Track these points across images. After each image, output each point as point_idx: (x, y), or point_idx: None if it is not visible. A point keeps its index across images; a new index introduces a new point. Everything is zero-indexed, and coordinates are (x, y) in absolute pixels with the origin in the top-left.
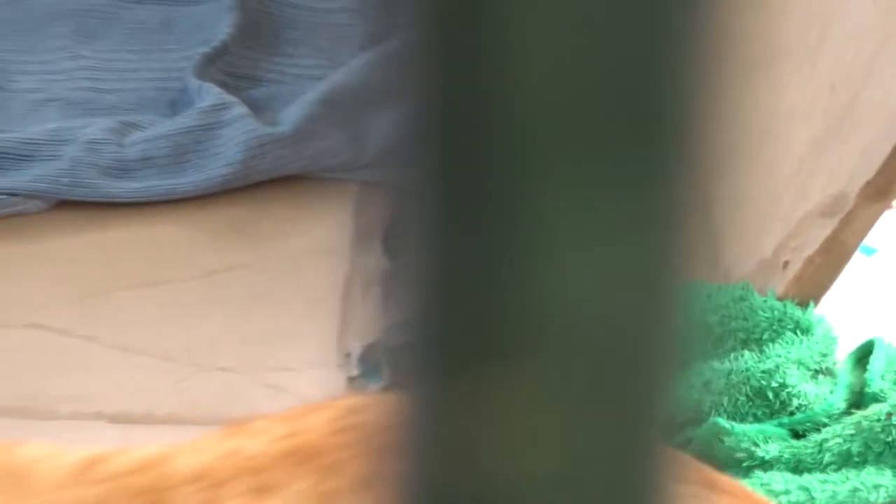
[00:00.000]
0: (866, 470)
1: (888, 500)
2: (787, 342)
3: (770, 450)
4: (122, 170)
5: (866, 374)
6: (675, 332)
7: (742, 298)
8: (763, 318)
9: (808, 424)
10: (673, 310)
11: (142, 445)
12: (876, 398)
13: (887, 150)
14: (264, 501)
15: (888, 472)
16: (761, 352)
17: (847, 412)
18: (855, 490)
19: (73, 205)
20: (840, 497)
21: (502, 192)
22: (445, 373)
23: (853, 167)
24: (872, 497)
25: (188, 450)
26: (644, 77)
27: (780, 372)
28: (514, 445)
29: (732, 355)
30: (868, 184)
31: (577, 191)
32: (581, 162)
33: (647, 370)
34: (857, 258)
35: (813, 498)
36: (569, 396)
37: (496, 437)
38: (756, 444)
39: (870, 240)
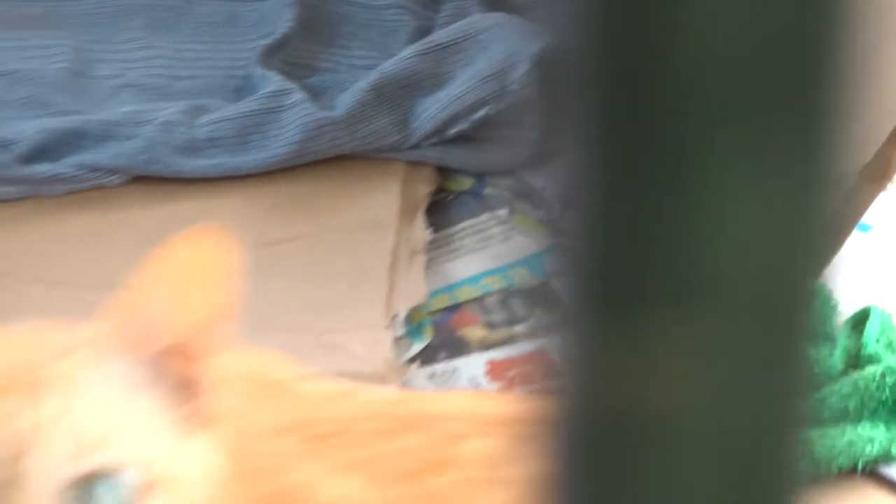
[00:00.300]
0: (861, 425)
1: (881, 451)
2: None
3: None
4: (192, 149)
5: (862, 339)
6: (821, 284)
7: None
8: None
9: None
10: (823, 264)
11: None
12: (871, 360)
13: (882, 137)
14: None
15: (881, 427)
16: None
17: (844, 373)
18: (851, 443)
19: (147, 179)
20: (837, 449)
21: (674, 144)
22: (615, 318)
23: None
24: (867, 449)
25: (430, 396)
26: (806, 41)
27: None
28: (672, 384)
29: None
30: (866, 167)
31: (744, 147)
32: (749, 120)
33: (799, 321)
34: (854, 234)
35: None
36: (729, 341)
37: (656, 375)
38: None
39: (866, 218)
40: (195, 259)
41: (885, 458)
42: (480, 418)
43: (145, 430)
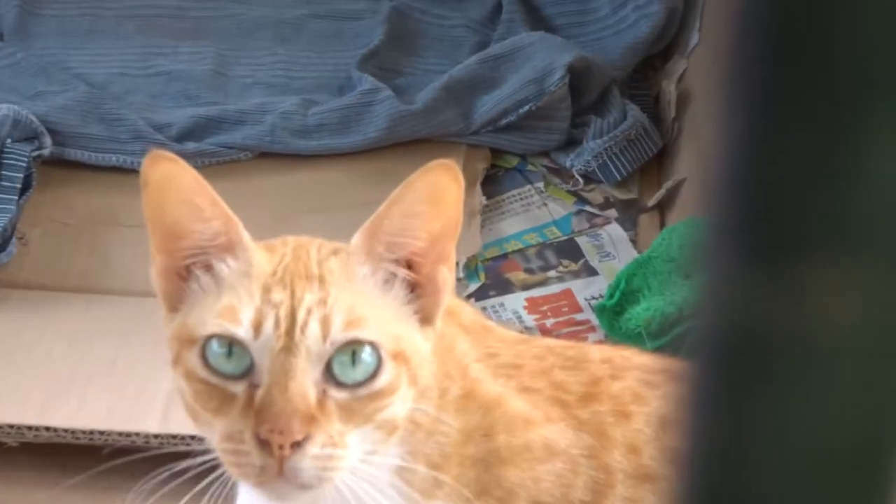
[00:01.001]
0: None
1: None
2: None
3: None
4: (305, 132)
5: None
6: None
7: None
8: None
9: None
10: None
11: None
12: None
13: None
14: (652, 390)
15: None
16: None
17: None
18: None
19: (271, 156)
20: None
21: (845, 104)
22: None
23: None
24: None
25: (579, 345)
26: None
27: None
28: (825, 311)
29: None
30: None
31: None
32: None
33: None
34: None
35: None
36: (877, 276)
37: (811, 302)
38: None
39: None
40: (429, 187)
41: None
42: (624, 362)
43: (386, 317)
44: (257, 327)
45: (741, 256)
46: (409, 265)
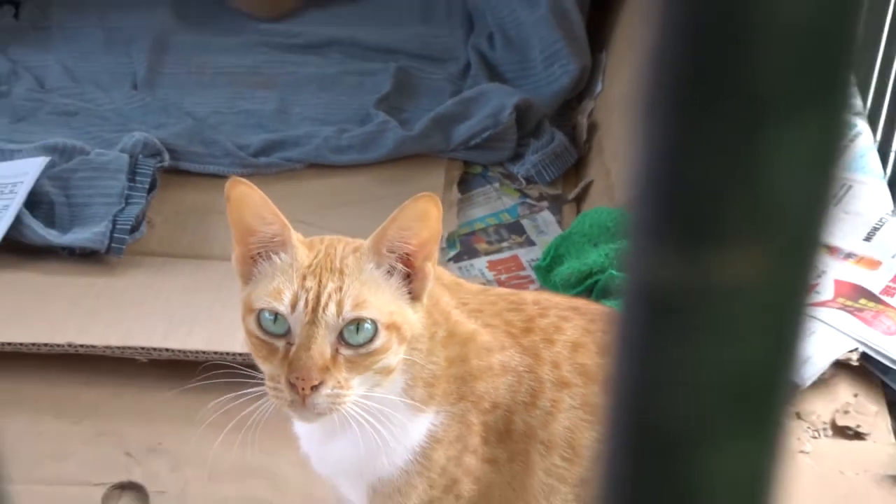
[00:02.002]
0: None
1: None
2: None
3: None
4: (339, 150)
5: None
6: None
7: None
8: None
9: None
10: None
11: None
12: None
13: None
14: (567, 323)
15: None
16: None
17: None
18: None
19: (317, 166)
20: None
21: (743, 123)
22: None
23: None
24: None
25: (523, 292)
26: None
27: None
28: (734, 272)
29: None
30: None
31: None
32: (799, 93)
33: (820, 239)
34: None
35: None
36: (773, 247)
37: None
38: None
39: None
40: (418, 210)
41: None
42: (547, 303)
43: (386, 299)
44: (293, 305)
45: (659, 238)
46: (405, 261)
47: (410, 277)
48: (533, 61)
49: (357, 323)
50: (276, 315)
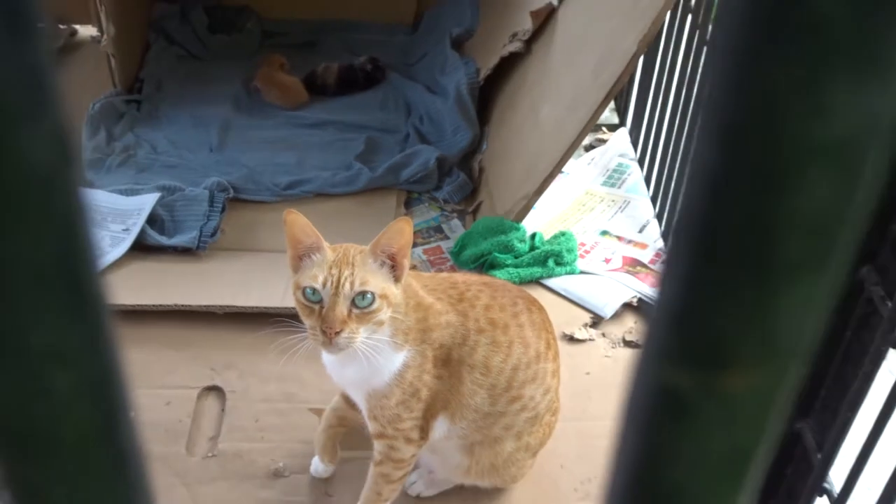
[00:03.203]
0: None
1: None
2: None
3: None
4: (334, 185)
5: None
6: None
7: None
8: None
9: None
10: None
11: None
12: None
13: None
14: (480, 292)
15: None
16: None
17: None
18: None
19: (321, 195)
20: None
21: (754, 275)
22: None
23: None
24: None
25: (468, 275)
26: None
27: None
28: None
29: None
30: None
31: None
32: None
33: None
34: None
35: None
36: None
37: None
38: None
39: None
40: (399, 229)
41: None
42: (467, 279)
43: (380, 280)
44: (324, 284)
45: (676, 359)
46: (391, 258)
47: (394, 268)
48: (445, 132)
49: (362, 294)
50: (314, 290)
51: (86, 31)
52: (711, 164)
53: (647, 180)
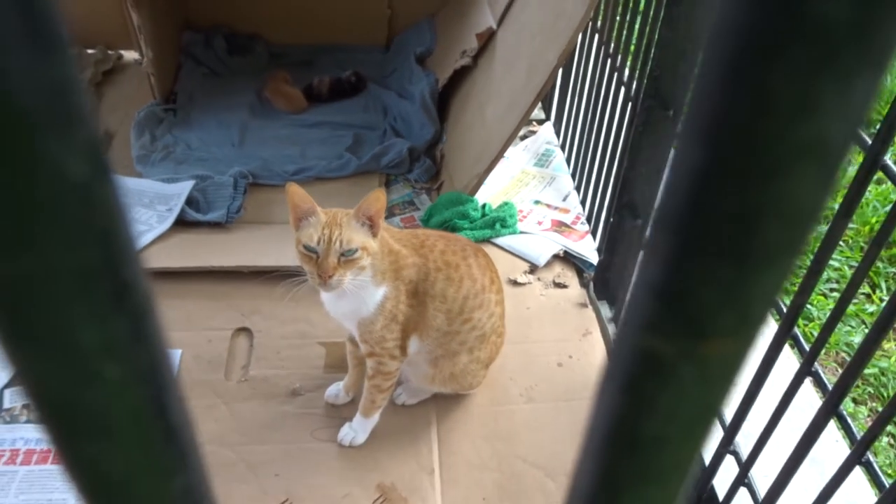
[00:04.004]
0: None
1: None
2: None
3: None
4: (330, 170)
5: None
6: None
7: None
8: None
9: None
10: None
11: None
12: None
13: None
14: (436, 244)
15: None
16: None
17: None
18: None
19: (321, 179)
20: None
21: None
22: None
23: None
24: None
25: (429, 230)
26: None
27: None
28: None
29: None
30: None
31: None
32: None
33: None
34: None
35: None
36: None
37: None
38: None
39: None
40: (375, 199)
41: None
42: (428, 234)
43: (361, 236)
44: (318, 241)
45: (660, 330)
46: (369, 218)
47: (372, 227)
48: (414, 128)
49: (349, 248)
50: (311, 246)
51: (129, 55)
52: (697, 158)
53: (568, 161)
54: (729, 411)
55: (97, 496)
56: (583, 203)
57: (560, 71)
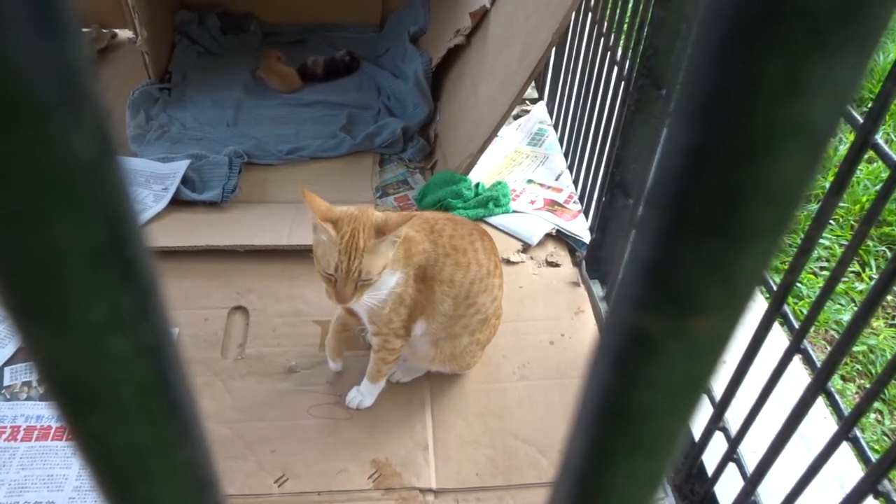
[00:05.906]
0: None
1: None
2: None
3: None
4: (325, 150)
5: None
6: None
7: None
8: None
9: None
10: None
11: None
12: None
13: None
14: (443, 226)
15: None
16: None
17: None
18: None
19: (315, 158)
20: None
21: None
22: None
23: None
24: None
25: (438, 213)
26: None
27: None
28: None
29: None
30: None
31: None
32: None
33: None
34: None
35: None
36: None
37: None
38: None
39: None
40: (401, 224)
41: None
42: (435, 216)
43: (384, 259)
44: (336, 269)
45: (650, 306)
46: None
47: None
48: (408, 107)
49: (368, 278)
50: (329, 271)
51: (124, 34)
52: (688, 137)
53: (560, 140)
54: (718, 388)
55: (104, 467)
56: (575, 182)
57: (553, 50)
